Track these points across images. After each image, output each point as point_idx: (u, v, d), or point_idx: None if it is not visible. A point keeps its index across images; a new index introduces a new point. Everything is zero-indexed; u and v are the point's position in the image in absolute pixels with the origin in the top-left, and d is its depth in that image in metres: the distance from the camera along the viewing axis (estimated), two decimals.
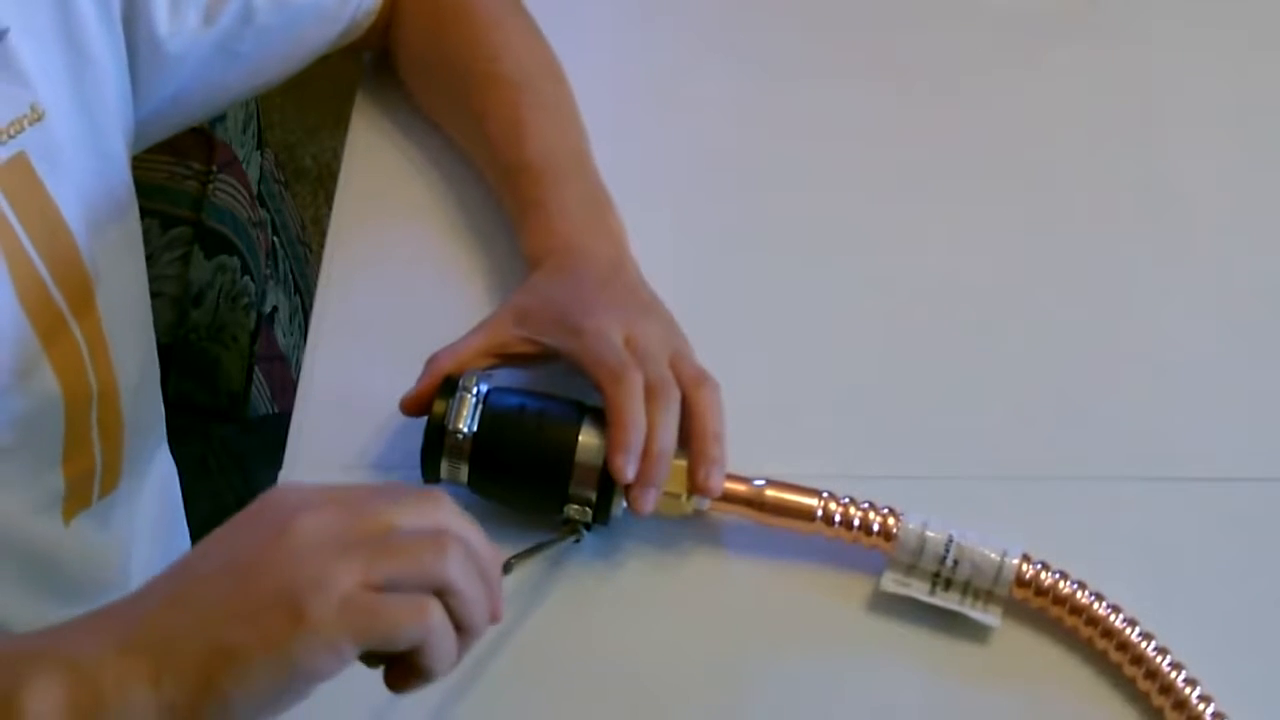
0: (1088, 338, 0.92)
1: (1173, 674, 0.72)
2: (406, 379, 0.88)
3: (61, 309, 0.80)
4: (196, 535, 1.00)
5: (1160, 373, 0.90)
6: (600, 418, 0.78)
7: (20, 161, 0.77)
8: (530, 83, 0.95)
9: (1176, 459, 0.86)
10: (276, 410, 1.29)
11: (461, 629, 0.60)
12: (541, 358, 0.83)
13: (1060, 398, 0.89)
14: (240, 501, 0.61)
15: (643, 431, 0.76)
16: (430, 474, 0.80)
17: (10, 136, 0.76)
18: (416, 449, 0.82)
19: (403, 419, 0.86)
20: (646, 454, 0.76)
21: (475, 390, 0.79)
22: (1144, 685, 0.74)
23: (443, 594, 0.59)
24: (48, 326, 0.79)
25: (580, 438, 0.77)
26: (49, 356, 0.79)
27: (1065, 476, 0.85)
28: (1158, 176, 1.01)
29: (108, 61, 0.81)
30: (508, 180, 0.92)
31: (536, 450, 0.78)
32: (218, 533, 0.61)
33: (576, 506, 0.78)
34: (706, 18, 1.14)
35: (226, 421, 1.24)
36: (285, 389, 1.30)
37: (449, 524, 0.61)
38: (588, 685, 0.77)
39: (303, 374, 0.90)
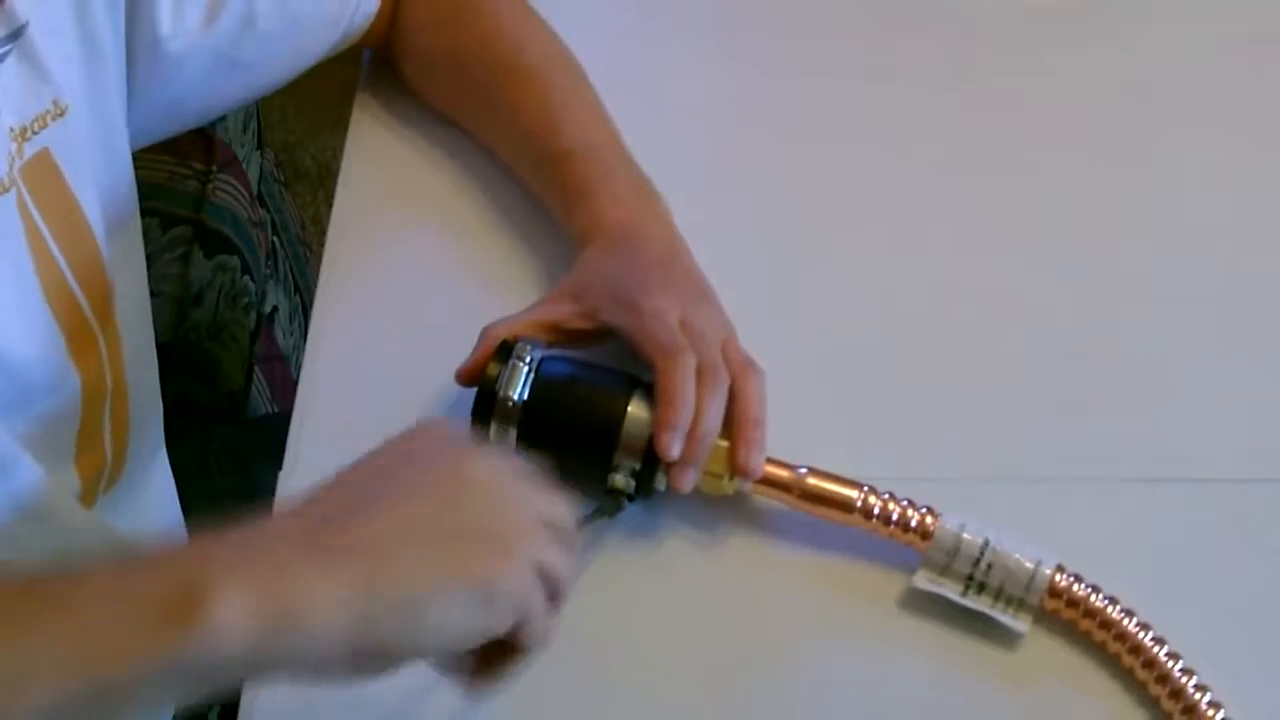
0: (1089, 338, 0.92)
1: (1197, 695, 0.72)
2: (407, 378, 0.88)
3: (84, 309, 0.80)
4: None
5: (1161, 373, 0.90)
6: (650, 393, 0.79)
7: (44, 159, 0.76)
8: (556, 72, 0.96)
9: (1177, 460, 0.86)
10: (276, 410, 1.29)
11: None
12: (596, 334, 0.84)
13: (1061, 399, 0.89)
14: (237, 500, 0.62)
15: (691, 411, 0.77)
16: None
17: (34, 133, 0.75)
18: None
19: (403, 418, 0.85)
20: (691, 434, 0.77)
21: (528, 359, 0.80)
22: (1168, 705, 0.73)
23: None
24: (73, 328, 0.79)
25: (629, 409, 0.78)
26: (73, 358, 0.79)
27: (1065, 479, 0.85)
28: (1158, 176, 1.01)
29: (113, 58, 0.81)
30: (549, 168, 0.92)
31: (585, 420, 0.79)
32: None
33: (621, 477, 0.79)
34: (706, 17, 1.14)
35: (226, 421, 1.24)
36: (285, 389, 1.30)
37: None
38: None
39: (303, 374, 0.90)
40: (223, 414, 1.24)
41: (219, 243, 1.21)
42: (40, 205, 0.75)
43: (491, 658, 0.64)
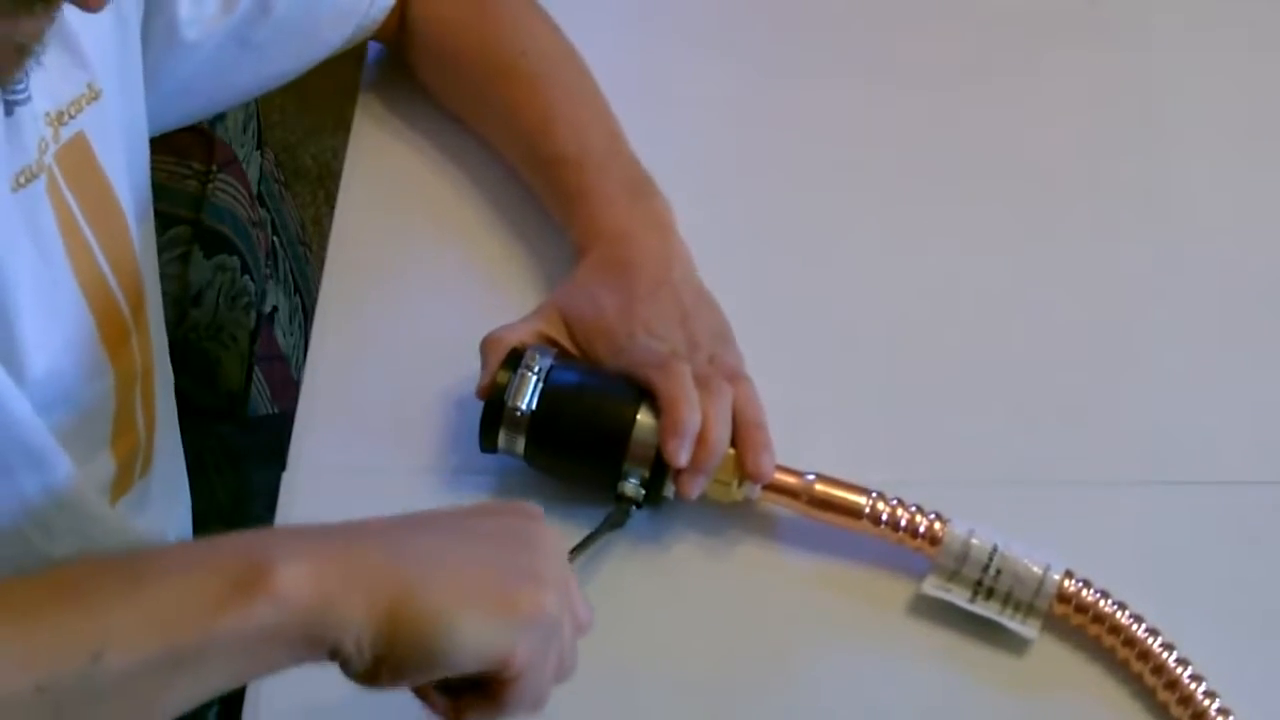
0: (1091, 339, 0.92)
1: (1206, 701, 0.73)
2: (408, 379, 0.88)
3: (118, 298, 0.80)
4: (194, 531, 1.00)
5: (1163, 375, 0.90)
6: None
7: (80, 142, 0.76)
8: (558, 73, 0.96)
9: (1182, 462, 0.86)
10: (276, 410, 1.29)
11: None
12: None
13: (1064, 402, 0.89)
14: (234, 499, 0.63)
15: (698, 415, 0.77)
16: (487, 444, 0.81)
17: (71, 117, 0.75)
18: (418, 452, 0.83)
19: (405, 420, 0.86)
20: (702, 442, 0.77)
21: (537, 368, 0.80)
22: (1176, 711, 0.74)
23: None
24: (107, 318, 0.79)
25: (638, 417, 0.78)
26: (107, 349, 0.80)
27: (1069, 481, 0.85)
28: (1158, 177, 1.01)
29: (139, 41, 0.81)
30: (546, 173, 0.93)
31: (593, 428, 0.79)
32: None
33: (630, 485, 0.79)
34: (705, 17, 1.14)
35: (226, 421, 1.24)
36: (285, 389, 1.30)
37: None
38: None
39: (305, 374, 0.90)
40: (222, 414, 1.24)
41: (219, 243, 1.21)
42: (75, 189, 0.75)
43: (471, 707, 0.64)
